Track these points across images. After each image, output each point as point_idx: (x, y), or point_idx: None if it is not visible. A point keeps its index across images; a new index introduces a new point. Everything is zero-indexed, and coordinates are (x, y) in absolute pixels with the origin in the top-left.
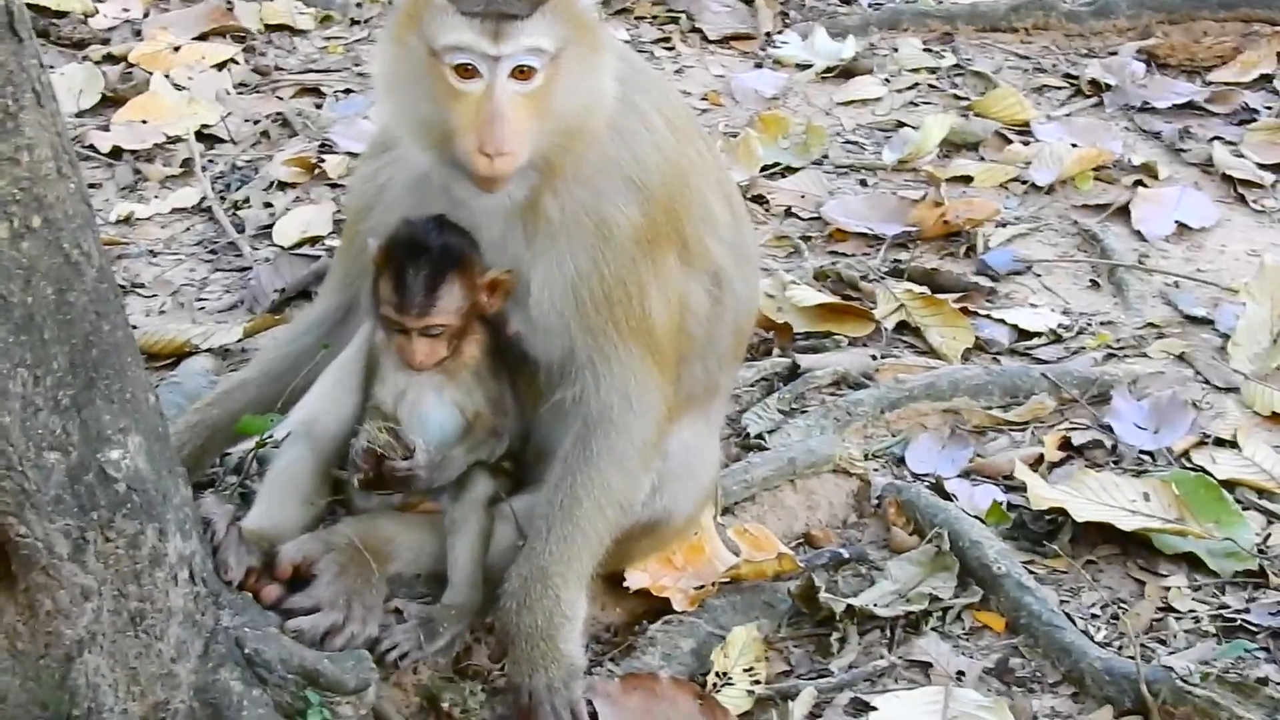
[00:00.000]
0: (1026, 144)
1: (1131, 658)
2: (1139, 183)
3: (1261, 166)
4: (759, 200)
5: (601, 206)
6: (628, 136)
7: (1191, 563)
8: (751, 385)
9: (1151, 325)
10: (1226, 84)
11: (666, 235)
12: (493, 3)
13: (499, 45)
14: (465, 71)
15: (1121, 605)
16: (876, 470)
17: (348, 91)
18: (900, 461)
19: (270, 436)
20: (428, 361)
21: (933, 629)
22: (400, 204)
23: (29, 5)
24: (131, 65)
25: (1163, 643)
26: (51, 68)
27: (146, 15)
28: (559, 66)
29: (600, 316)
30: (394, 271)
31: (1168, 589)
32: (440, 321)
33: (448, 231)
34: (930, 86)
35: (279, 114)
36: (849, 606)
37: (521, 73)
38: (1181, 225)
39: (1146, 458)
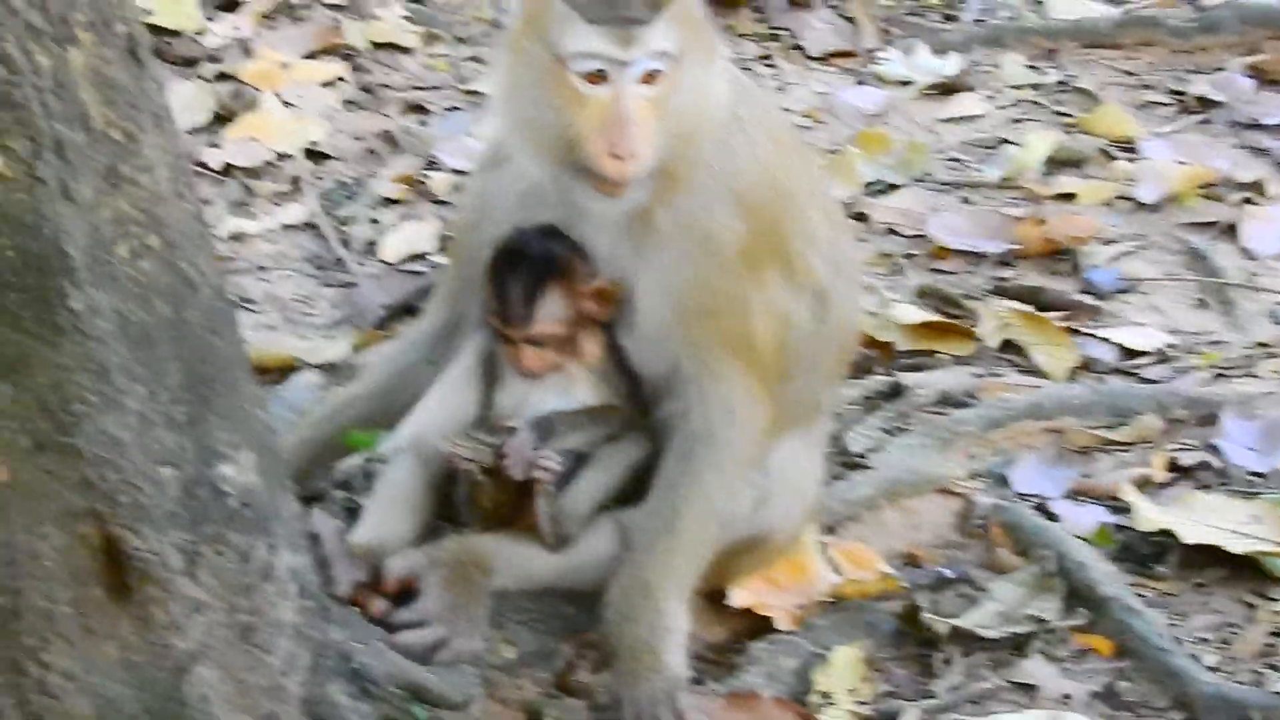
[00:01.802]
0: (1132, 161)
1: (1242, 683)
2: (1247, 200)
3: None
4: (860, 218)
5: (708, 220)
6: (733, 151)
7: None
8: (854, 403)
9: (1261, 345)
10: None
11: (769, 251)
12: (617, 8)
13: (629, 50)
14: (594, 77)
15: (1231, 629)
16: (980, 490)
17: (453, 109)
18: (1004, 481)
19: (378, 451)
20: (538, 369)
21: (1038, 651)
22: (510, 217)
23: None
24: (242, 83)
25: (1274, 668)
26: (167, 89)
27: (256, 34)
28: (679, 70)
29: (705, 331)
30: (497, 281)
31: (1279, 613)
32: (542, 331)
33: (551, 240)
34: (1033, 103)
35: (385, 131)
36: (953, 627)
37: (649, 77)
38: None
39: (1256, 479)
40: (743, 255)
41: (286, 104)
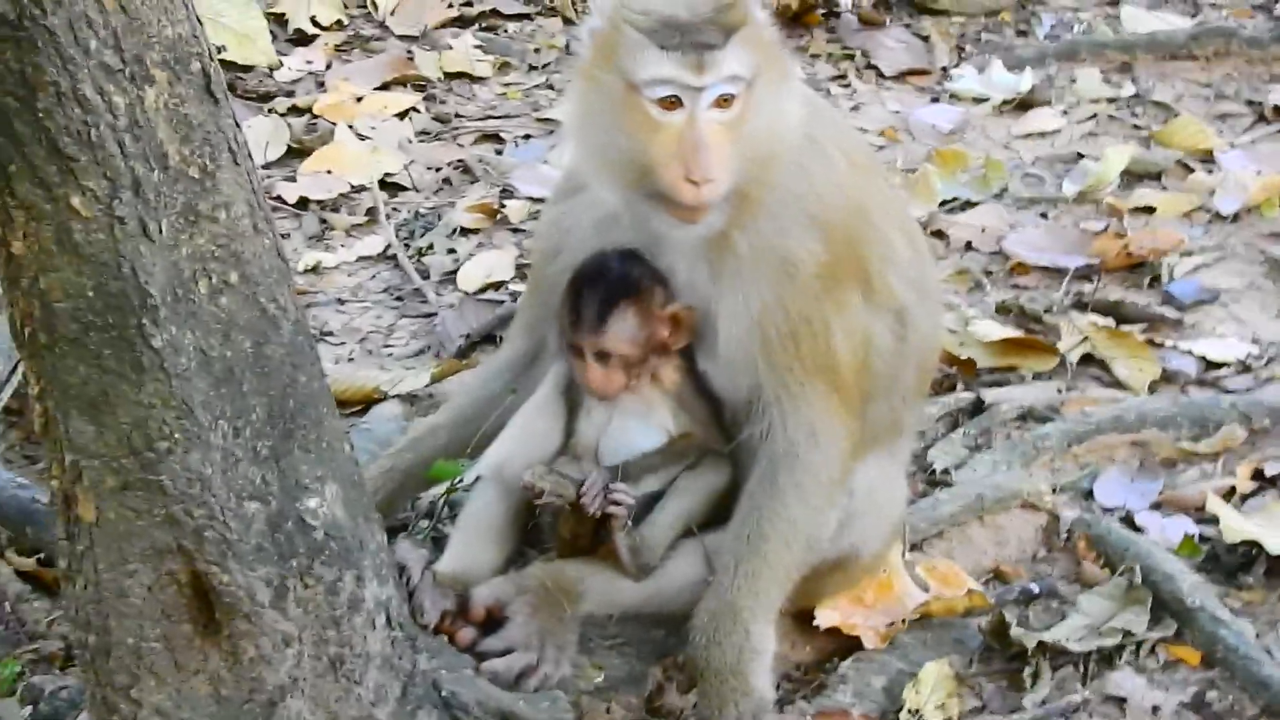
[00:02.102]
0: (1210, 172)
1: None
2: None
3: None
4: (939, 235)
5: (785, 243)
6: (809, 172)
7: None
8: (936, 421)
9: None
10: None
11: (849, 272)
12: (689, 34)
13: (702, 76)
14: (668, 103)
15: None
16: (1065, 504)
17: (527, 137)
18: (1089, 495)
19: (461, 481)
20: (606, 389)
21: (1127, 663)
22: (587, 246)
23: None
24: (316, 116)
25: None
26: (242, 125)
27: (329, 67)
28: (753, 94)
29: (786, 354)
30: (572, 294)
31: None
32: (610, 347)
33: (631, 262)
34: (1110, 117)
35: (460, 161)
36: (1041, 642)
37: (722, 101)
38: None
39: None
40: (822, 277)
41: (361, 136)
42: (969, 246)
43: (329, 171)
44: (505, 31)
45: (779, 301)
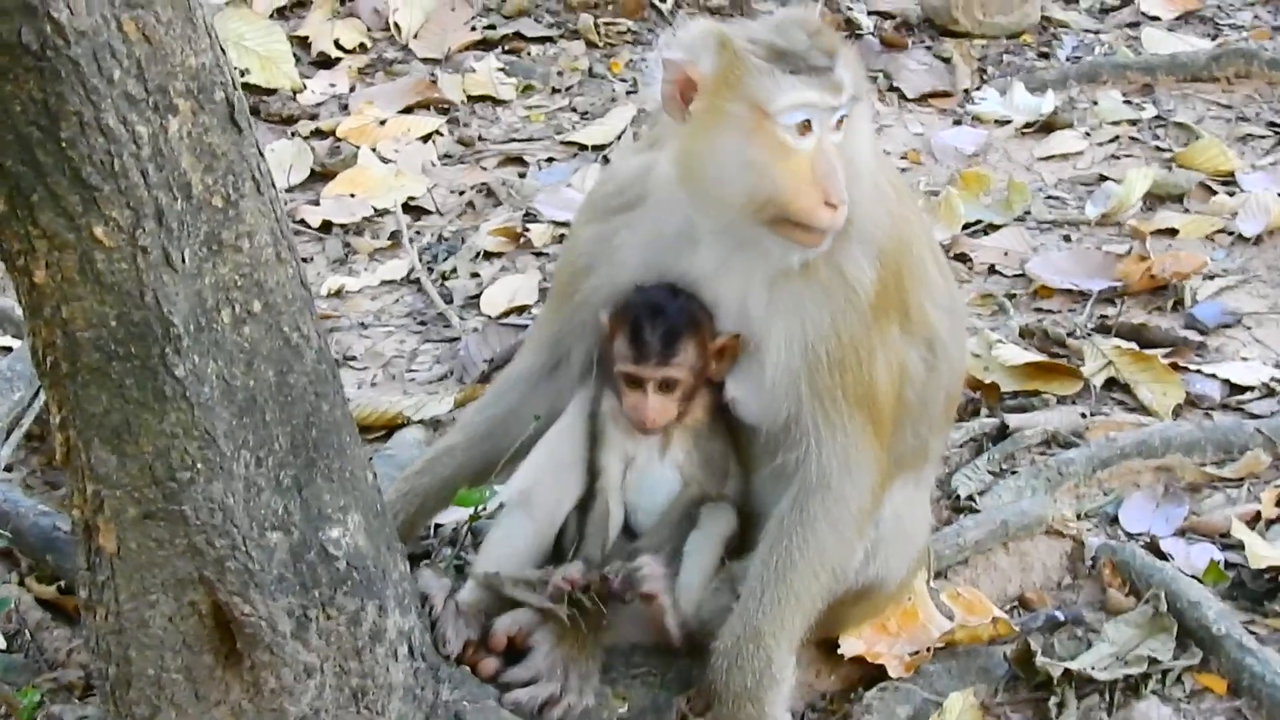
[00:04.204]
0: (1232, 194)
1: None
2: None
3: None
4: (962, 258)
5: (846, 268)
6: (867, 198)
7: None
8: (960, 446)
9: None
10: None
11: (893, 302)
12: (810, 57)
13: (837, 96)
14: (803, 128)
15: None
16: (1090, 530)
17: (550, 160)
18: (1114, 521)
19: (484, 508)
20: (659, 420)
21: (1153, 692)
22: (631, 264)
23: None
24: (339, 140)
25: None
26: (265, 151)
27: (353, 90)
28: (853, 115)
29: (831, 381)
30: (631, 329)
31: None
32: (675, 375)
33: (681, 296)
34: (1131, 139)
35: (484, 184)
36: (1066, 670)
37: (839, 122)
38: None
39: None
40: (873, 306)
41: (384, 159)
42: (992, 270)
43: (352, 195)
44: (528, 54)
45: (835, 329)
